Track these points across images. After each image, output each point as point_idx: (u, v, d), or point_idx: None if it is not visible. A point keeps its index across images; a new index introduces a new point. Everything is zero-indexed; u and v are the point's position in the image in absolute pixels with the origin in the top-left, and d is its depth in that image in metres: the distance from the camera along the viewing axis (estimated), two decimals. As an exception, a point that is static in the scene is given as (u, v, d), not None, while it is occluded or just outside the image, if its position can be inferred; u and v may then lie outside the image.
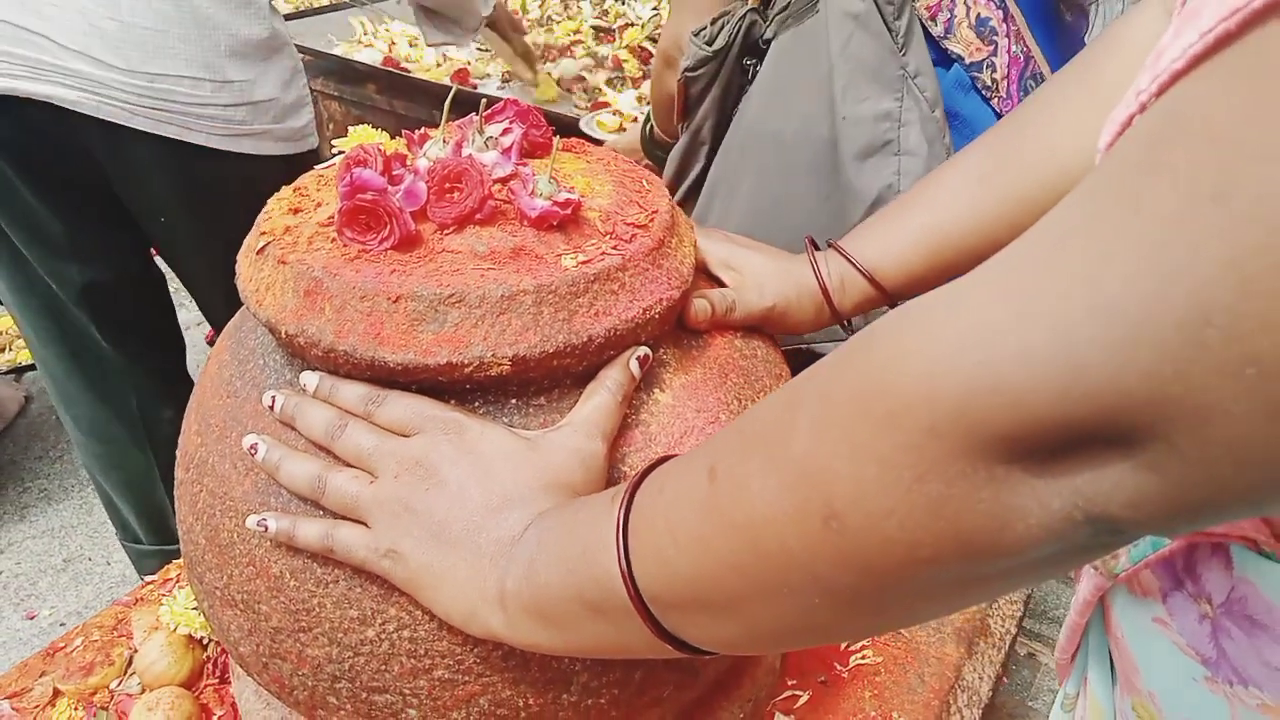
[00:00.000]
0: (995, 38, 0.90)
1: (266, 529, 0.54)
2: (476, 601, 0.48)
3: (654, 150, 1.37)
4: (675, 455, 0.45)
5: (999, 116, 0.91)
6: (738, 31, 0.95)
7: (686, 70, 0.98)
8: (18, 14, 1.09)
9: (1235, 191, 0.22)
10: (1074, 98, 0.61)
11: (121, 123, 1.15)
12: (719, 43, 0.95)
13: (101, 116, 1.14)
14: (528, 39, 1.96)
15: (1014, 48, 0.91)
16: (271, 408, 0.56)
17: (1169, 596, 0.40)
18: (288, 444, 0.55)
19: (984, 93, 0.91)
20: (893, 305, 0.70)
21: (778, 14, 0.94)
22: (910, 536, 0.30)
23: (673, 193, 1.10)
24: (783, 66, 0.93)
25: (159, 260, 1.44)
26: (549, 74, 1.98)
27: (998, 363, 0.26)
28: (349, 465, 0.53)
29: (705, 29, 0.97)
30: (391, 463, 0.51)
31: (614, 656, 0.53)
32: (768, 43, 0.95)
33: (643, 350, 0.56)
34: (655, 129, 1.31)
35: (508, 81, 2.02)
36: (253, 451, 0.55)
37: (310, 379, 0.55)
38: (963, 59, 0.90)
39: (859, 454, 0.31)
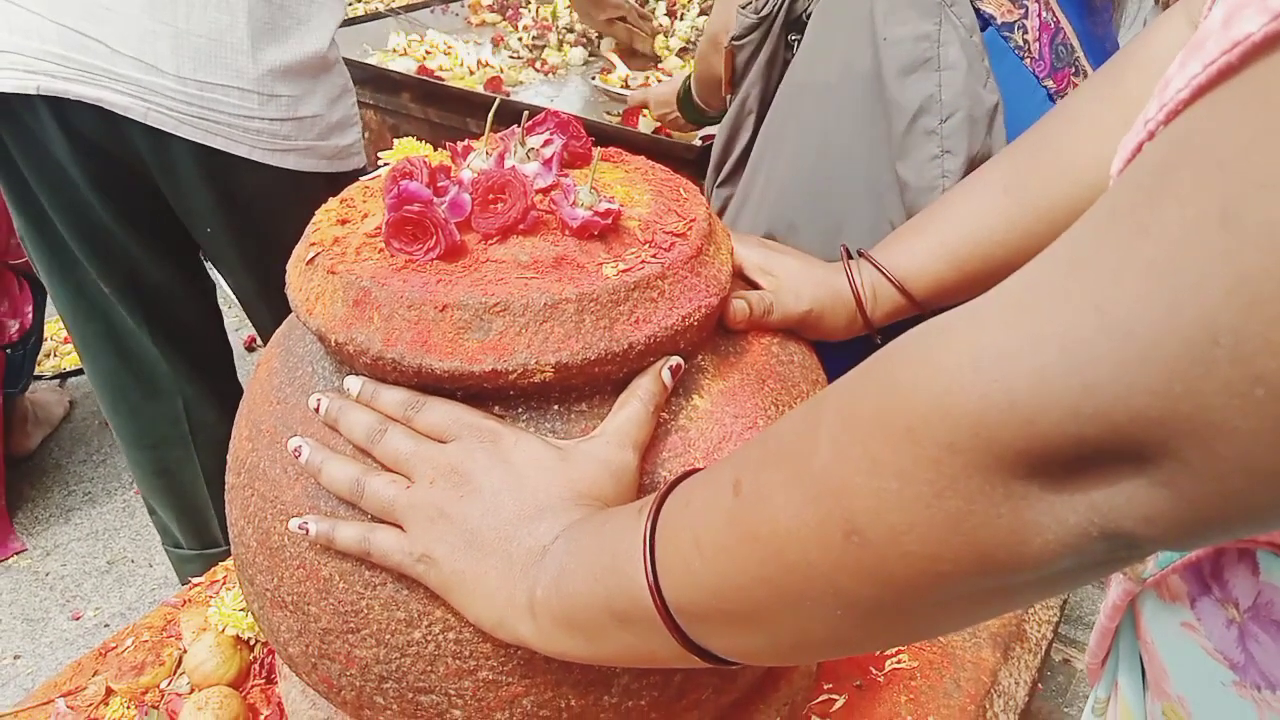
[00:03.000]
0: (1026, 2, 0.92)
1: (308, 531, 0.55)
2: (506, 609, 0.49)
3: (690, 109, 1.42)
4: (702, 468, 0.46)
5: (1035, 76, 0.92)
6: (782, 3, 0.98)
7: (734, 38, 1.02)
8: (75, 19, 1.11)
9: (1241, 217, 0.22)
10: (1096, 111, 0.62)
11: (169, 130, 1.17)
12: (765, 10, 0.99)
13: (149, 123, 1.16)
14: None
15: (1044, 13, 0.93)
16: (317, 410, 0.57)
17: (1197, 601, 0.40)
18: (333, 447, 0.56)
19: (1017, 52, 0.93)
20: (923, 314, 0.71)
21: None
22: (930, 551, 0.31)
23: (723, 163, 1.12)
24: (823, 25, 0.97)
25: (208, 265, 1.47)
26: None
27: (1012, 381, 0.27)
28: (389, 469, 0.54)
29: (752, 1, 1.00)
30: (427, 468, 0.52)
31: (642, 665, 0.54)
32: (809, 16, 0.99)
33: (675, 360, 0.57)
34: (694, 92, 1.37)
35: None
36: (297, 454, 0.56)
37: (353, 383, 0.57)
38: (994, 19, 0.92)
39: (879, 469, 0.31)
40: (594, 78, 1.76)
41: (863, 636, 0.38)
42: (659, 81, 1.82)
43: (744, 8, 1.00)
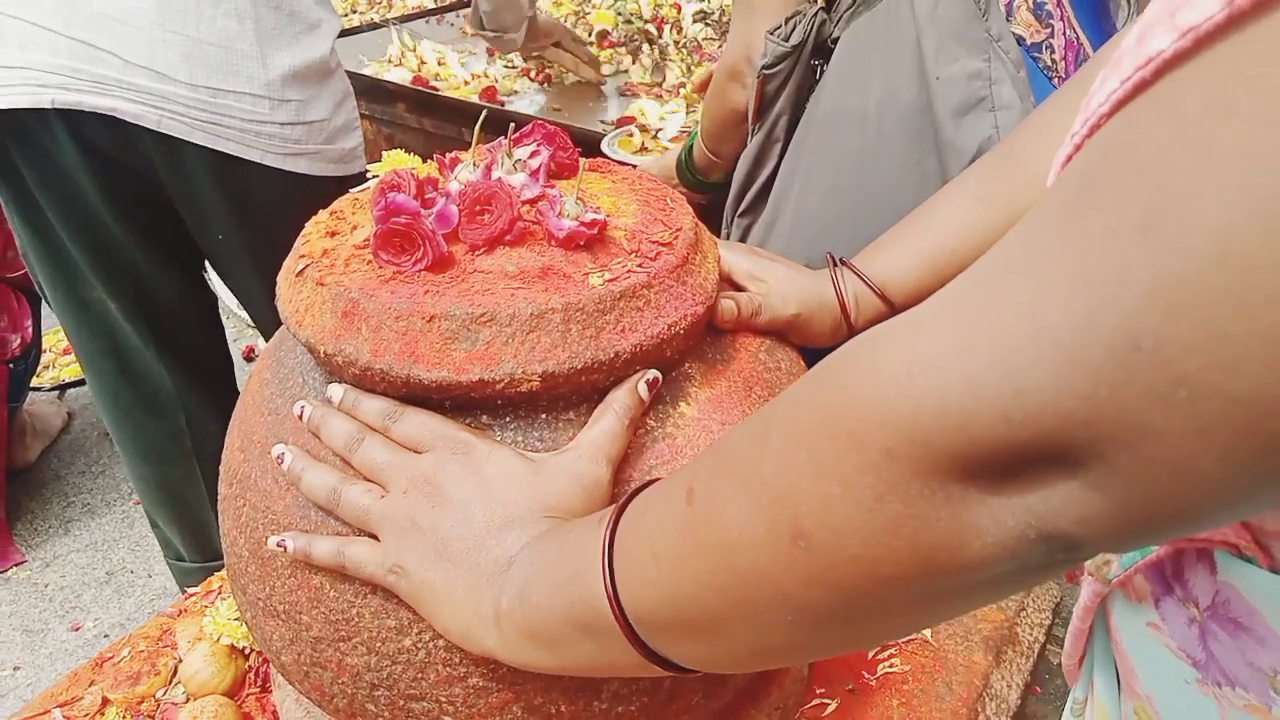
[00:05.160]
0: (1051, 21, 0.93)
1: (286, 549, 0.56)
2: (473, 620, 0.49)
3: (691, 176, 1.39)
4: (660, 479, 0.47)
5: None
6: (811, 29, 0.98)
7: (764, 68, 1.02)
8: (86, 31, 1.12)
9: (1159, 225, 0.23)
10: (1064, 120, 0.63)
11: (182, 136, 1.18)
12: (795, 38, 0.99)
13: (163, 130, 1.17)
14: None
15: (1068, 31, 0.94)
16: (301, 417, 0.58)
17: (1161, 601, 0.41)
18: (316, 454, 0.57)
19: (1046, 73, 0.94)
20: None
21: (846, 10, 0.97)
22: (873, 554, 0.31)
23: (745, 191, 1.12)
24: (857, 50, 0.96)
25: (211, 277, 1.47)
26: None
27: (946, 387, 0.28)
28: (366, 478, 0.55)
29: (780, 28, 1.00)
30: (402, 478, 0.53)
31: (604, 675, 0.54)
32: (835, 42, 0.99)
33: (652, 373, 0.57)
34: (698, 152, 1.33)
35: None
36: (280, 461, 0.57)
37: (336, 391, 0.58)
38: (1024, 40, 0.93)
39: (824, 475, 0.32)
40: (614, 144, 1.70)
41: (815, 642, 0.38)
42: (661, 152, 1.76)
43: (773, 34, 1.00)
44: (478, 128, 0.62)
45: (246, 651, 0.81)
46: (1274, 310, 0.21)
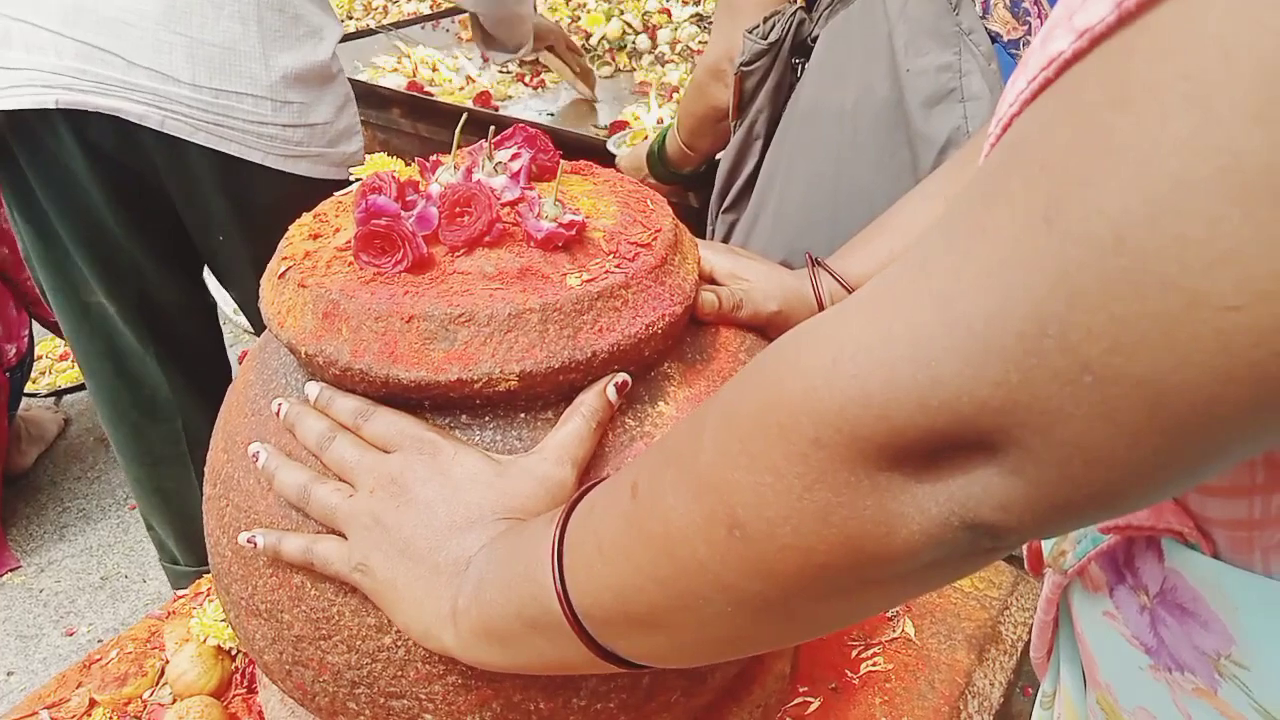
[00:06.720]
0: (1029, 19, 0.94)
1: (256, 545, 0.57)
2: (431, 618, 0.50)
3: (660, 168, 1.40)
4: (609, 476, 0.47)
5: None
6: (789, 28, 0.99)
7: (742, 65, 1.03)
8: (92, 33, 1.13)
9: (1061, 214, 0.24)
10: None
11: (184, 137, 1.19)
12: (773, 36, 1.00)
13: (166, 130, 1.18)
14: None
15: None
16: (278, 414, 0.59)
17: (1115, 590, 0.42)
18: (295, 453, 0.58)
19: None
20: None
21: (825, 8, 0.99)
22: (804, 543, 0.32)
23: (728, 188, 1.13)
24: (835, 47, 0.98)
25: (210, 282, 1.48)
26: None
27: (868, 377, 0.29)
28: (337, 475, 0.56)
29: (758, 26, 1.02)
30: (369, 478, 0.54)
31: (556, 673, 0.55)
32: (815, 40, 1.00)
33: (621, 376, 0.58)
34: (671, 145, 1.34)
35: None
36: (255, 459, 0.58)
37: (312, 389, 0.58)
38: (1000, 37, 0.94)
39: (756, 465, 0.33)
40: (619, 147, 1.66)
41: (757, 632, 0.39)
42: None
43: (751, 33, 1.01)
44: (458, 130, 0.62)
45: (233, 653, 0.82)
46: (1165, 293, 0.22)
